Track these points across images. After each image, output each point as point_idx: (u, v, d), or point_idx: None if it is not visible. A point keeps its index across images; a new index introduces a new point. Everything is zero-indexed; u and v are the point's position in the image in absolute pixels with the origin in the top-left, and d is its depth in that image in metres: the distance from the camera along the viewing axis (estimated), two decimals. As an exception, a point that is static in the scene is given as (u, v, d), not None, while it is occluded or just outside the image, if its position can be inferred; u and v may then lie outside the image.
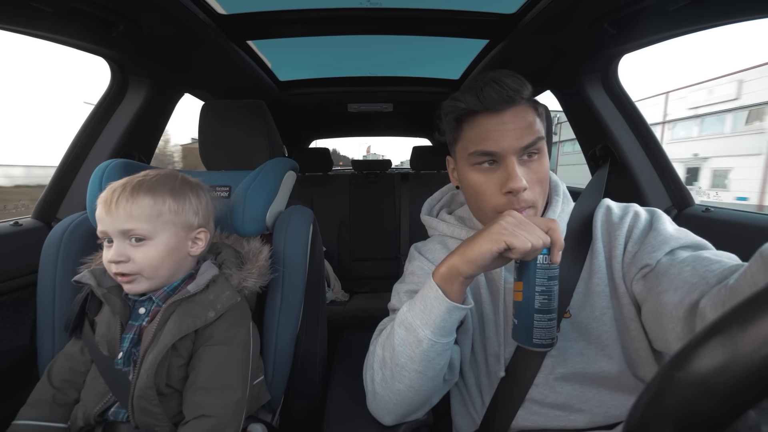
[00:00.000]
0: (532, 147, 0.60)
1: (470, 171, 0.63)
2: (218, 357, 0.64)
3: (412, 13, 1.11)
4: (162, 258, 0.64)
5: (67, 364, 0.68)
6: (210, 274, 0.67)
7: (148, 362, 0.60)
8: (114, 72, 1.15)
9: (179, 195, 0.67)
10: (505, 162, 0.59)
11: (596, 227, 0.67)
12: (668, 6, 0.81)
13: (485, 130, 0.60)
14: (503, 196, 0.60)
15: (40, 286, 0.79)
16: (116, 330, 0.65)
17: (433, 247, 0.75)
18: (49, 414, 0.64)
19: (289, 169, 0.90)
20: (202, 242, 0.70)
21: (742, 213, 0.98)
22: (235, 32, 1.12)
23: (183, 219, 0.66)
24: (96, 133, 1.16)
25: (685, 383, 0.22)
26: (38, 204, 1.10)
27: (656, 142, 1.18)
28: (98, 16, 0.85)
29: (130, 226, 0.62)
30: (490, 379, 0.69)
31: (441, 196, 0.83)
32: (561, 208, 0.69)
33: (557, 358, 0.64)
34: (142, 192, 0.63)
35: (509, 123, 0.59)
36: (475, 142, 0.61)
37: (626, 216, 0.65)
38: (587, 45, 1.06)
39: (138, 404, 0.60)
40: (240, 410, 0.64)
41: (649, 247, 0.59)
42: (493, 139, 0.59)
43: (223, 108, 1.02)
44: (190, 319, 0.63)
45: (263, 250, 0.76)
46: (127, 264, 0.62)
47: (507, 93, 0.58)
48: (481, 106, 0.59)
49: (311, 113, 2.31)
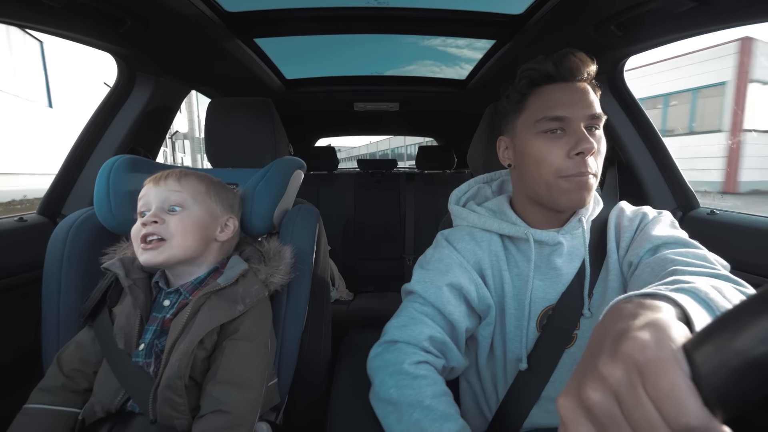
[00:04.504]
0: (596, 120, 0.63)
1: (535, 139, 0.64)
2: (241, 352, 0.65)
3: (419, 12, 1.11)
4: (192, 228, 0.67)
5: (78, 354, 0.68)
6: (240, 268, 0.69)
7: (179, 352, 0.61)
8: (121, 68, 1.15)
9: (220, 186, 0.75)
10: (574, 127, 0.61)
11: (610, 228, 0.69)
12: (674, 8, 0.81)
13: (556, 97, 0.63)
14: (569, 160, 0.61)
15: (45, 282, 0.79)
16: (135, 323, 0.65)
17: (461, 236, 0.73)
18: (61, 399, 0.65)
19: (297, 168, 0.91)
20: (230, 230, 0.73)
21: (746, 216, 0.98)
22: (242, 29, 1.12)
23: (220, 203, 0.73)
24: (102, 129, 1.16)
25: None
26: (43, 200, 1.10)
27: (662, 144, 1.18)
28: (106, 13, 0.85)
29: (175, 191, 0.68)
30: (507, 374, 0.69)
31: (467, 189, 0.82)
32: (593, 206, 0.71)
33: (576, 356, 0.65)
34: (191, 174, 0.72)
35: (579, 93, 0.63)
36: (545, 109, 0.63)
37: (635, 218, 0.68)
38: (594, 46, 1.05)
39: (163, 395, 0.60)
40: (256, 408, 0.64)
41: (635, 246, 0.62)
42: (564, 105, 0.62)
43: (229, 105, 1.02)
44: (222, 311, 0.64)
45: (287, 250, 0.78)
46: (161, 226, 0.65)
47: (586, 66, 0.63)
48: (558, 73, 0.64)
49: (317, 111, 2.30)
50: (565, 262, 0.68)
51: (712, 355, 0.22)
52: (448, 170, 2.39)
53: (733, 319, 0.22)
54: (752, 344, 0.20)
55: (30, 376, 0.73)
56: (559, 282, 0.68)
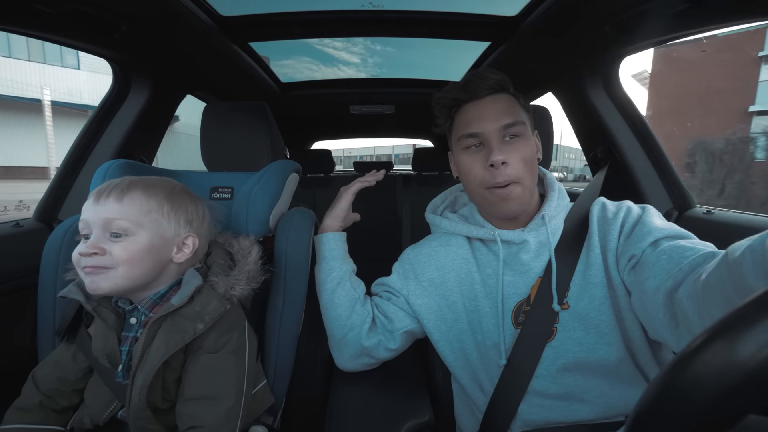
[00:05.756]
0: (512, 128, 0.68)
1: (461, 154, 0.72)
2: (205, 366, 0.61)
3: (413, 15, 1.11)
4: (141, 256, 0.59)
5: (56, 373, 0.66)
6: (193, 284, 0.62)
7: (138, 385, 0.57)
8: (116, 73, 1.15)
9: (176, 199, 0.65)
10: (488, 140, 0.68)
11: (592, 222, 0.71)
12: (669, 9, 0.81)
13: (470, 115, 0.70)
14: (487, 171, 0.68)
15: (40, 287, 0.78)
16: (114, 343, 0.62)
17: (430, 243, 0.82)
18: (40, 418, 0.62)
19: (292, 171, 0.91)
20: (188, 249, 0.65)
21: (742, 215, 0.98)
22: (237, 34, 1.12)
23: (173, 222, 0.63)
24: (98, 134, 1.16)
25: (687, 383, 0.22)
26: (39, 205, 1.10)
27: (657, 144, 1.18)
28: (100, 18, 0.85)
29: (114, 216, 0.58)
30: (489, 373, 0.70)
31: (445, 197, 0.89)
32: (557, 203, 0.74)
33: (558, 349, 0.66)
34: (138, 188, 0.61)
35: (489, 107, 0.69)
36: (462, 127, 0.71)
37: (620, 211, 0.69)
38: (588, 47, 1.06)
39: (135, 424, 0.58)
40: (233, 418, 0.61)
41: (635, 239, 0.63)
42: (476, 121, 0.69)
43: (225, 109, 1.02)
44: (178, 334, 0.59)
45: (252, 251, 0.72)
46: (103, 257, 0.57)
47: (486, 83, 0.70)
48: (466, 95, 0.71)
49: (313, 115, 2.31)
50: (532, 258, 0.71)
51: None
52: (444, 172, 2.39)
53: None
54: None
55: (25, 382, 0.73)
56: (527, 275, 0.71)
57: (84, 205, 0.60)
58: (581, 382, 0.65)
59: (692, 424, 0.22)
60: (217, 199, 0.88)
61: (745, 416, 0.21)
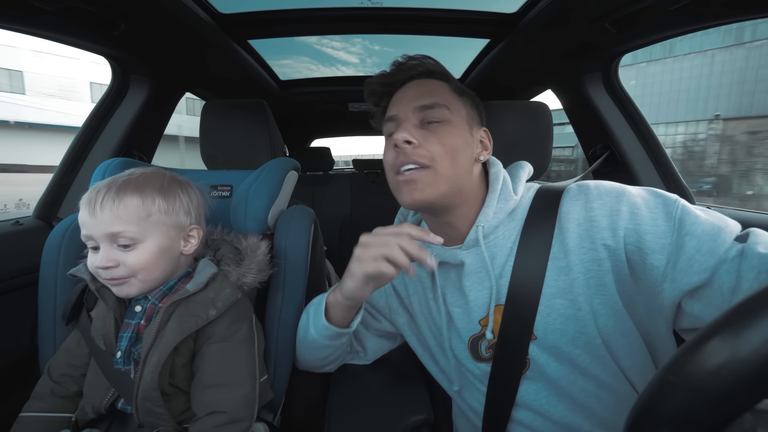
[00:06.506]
0: (430, 111, 0.60)
1: (385, 143, 0.66)
2: (221, 354, 0.63)
3: (412, 12, 1.11)
4: (156, 260, 0.61)
5: (65, 358, 0.68)
6: (208, 272, 0.65)
7: (151, 364, 0.59)
8: (115, 71, 1.15)
9: (169, 193, 0.64)
10: (400, 121, 0.62)
11: (569, 226, 0.57)
12: (668, 5, 0.81)
13: (393, 101, 0.65)
14: (394, 152, 0.60)
15: (41, 285, 0.79)
16: (110, 325, 0.64)
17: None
18: (51, 406, 0.65)
19: (290, 168, 0.91)
20: (195, 240, 0.67)
21: (741, 212, 0.98)
22: (236, 32, 1.12)
23: (174, 218, 0.64)
24: (97, 132, 1.16)
25: (680, 388, 0.22)
26: (39, 203, 1.10)
27: (656, 141, 1.18)
28: (99, 16, 0.85)
29: (118, 229, 0.58)
30: (465, 396, 0.70)
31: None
32: (497, 207, 0.61)
33: (534, 380, 0.61)
34: (129, 191, 0.60)
35: (410, 90, 0.64)
36: (386, 113, 0.66)
37: (612, 212, 0.55)
38: (588, 44, 1.06)
39: (142, 405, 0.60)
40: (251, 403, 0.63)
41: (682, 272, 0.49)
42: (395, 105, 0.64)
43: (224, 107, 1.02)
44: (192, 318, 0.61)
45: (261, 245, 0.75)
46: (118, 269, 0.59)
47: (413, 67, 0.65)
48: (392, 81, 0.66)
49: (312, 112, 2.31)
50: (474, 284, 0.61)
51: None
52: None
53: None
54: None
55: (27, 380, 0.73)
56: (470, 307, 0.62)
57: (80, 216, 0.60)
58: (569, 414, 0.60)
59: (692, 424, 0.22)
60: (217, 197, 0.88)
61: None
